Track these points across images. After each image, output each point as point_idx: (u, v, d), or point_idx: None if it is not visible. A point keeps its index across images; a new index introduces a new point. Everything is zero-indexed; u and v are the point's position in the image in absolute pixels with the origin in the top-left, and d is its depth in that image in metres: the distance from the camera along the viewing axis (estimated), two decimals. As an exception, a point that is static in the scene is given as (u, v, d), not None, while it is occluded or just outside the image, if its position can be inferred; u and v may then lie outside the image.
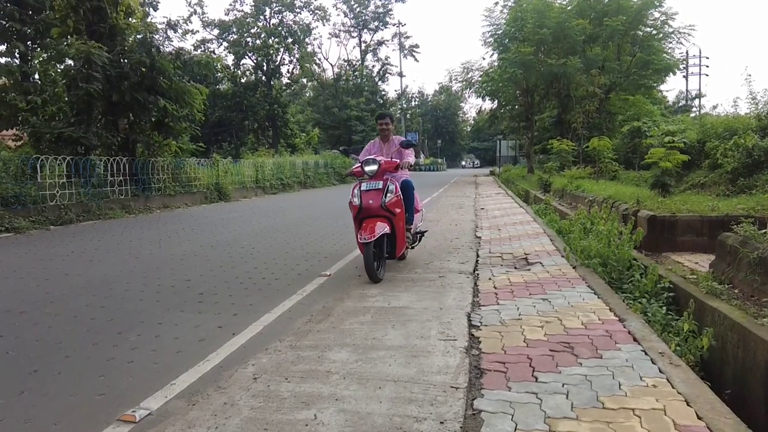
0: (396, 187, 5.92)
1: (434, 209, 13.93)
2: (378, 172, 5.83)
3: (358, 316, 4.46)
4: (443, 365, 3.33)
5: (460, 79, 33.05)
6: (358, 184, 5.90)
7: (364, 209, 5.70)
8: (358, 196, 5.77)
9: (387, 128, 6.69)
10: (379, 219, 5.65)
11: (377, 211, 5.67)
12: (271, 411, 2.84)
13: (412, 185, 6.32)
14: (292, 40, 46.28)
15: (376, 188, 5.73)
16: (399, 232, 5.91)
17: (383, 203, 5.65)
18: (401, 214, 5.95)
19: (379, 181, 5.77)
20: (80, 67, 13.87)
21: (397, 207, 5.84)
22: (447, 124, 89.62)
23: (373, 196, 5.70)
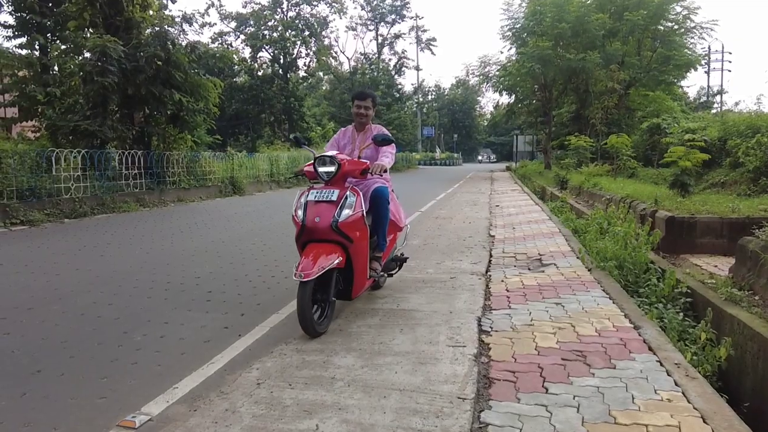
0: (358, 200, 4.19)
1: (448, 206, 13.82)
2: (336, 176, 4.19)
3: (366, 318, 4.38)
4: (451, 374, 3.24)
5: (478, 73, 32.84)
6: (306, 190, 4.26)
7: (306, 229, 4.03)
8: (302, 208, 4.10)
9: (365, 114, 4.96)
10: (328, 246, 4.01)
11: (325, 234, 3.99)
12: (273, 419, 2.77)
13: (387, 196, 4.55)
14: (309, 33, 46.22)
15: (328, 200, 4.05)
16: (358, 264, 4.22)
17: (335, 223, 3.95)
18: (362, 239, 4.22)
19: (335, 190, 4.12)
20: (96, 61, 13.90)
21: (356, 229, 4.12)
22: (463, 118, 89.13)
23: (323, 211, 4.01)
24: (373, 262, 4.57)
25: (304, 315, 3.82)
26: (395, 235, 5.19)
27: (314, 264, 3.81)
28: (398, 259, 5.31)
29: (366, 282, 4.49)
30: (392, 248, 5.12)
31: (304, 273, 3.73)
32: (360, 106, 4.96)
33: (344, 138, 5.11)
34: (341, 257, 4.03)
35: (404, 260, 5.41)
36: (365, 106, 4.96)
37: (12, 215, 10.59)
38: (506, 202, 14.61)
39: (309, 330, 3.92)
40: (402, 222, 5.17)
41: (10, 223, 10.42)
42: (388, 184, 4.80)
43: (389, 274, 5.23)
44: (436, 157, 63.76)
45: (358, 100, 5.01)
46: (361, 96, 5.06)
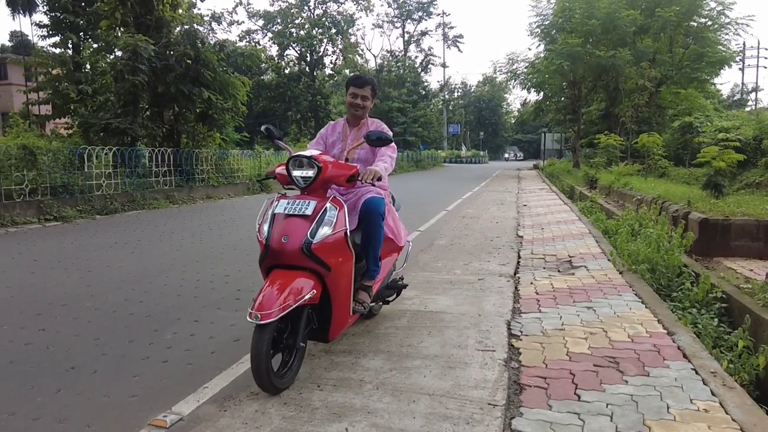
0: (341, 214, 3.28)
1: (475, 205, 13.73)
2: (315, 183, 3.28)
3: (394, 320, 4.37)
4: (481, 379, 3.20)
5: (505, 70, 32.45)
6: (276, 198, 3.35)
7: (271, 251, 3.13)
8: (269, 222, 3.21)
9: (361, 105, 3.99)
10: (299, 274, 3.10)
11: (295, 259, 3.09)
12: (302, 422, 2.77)
13: (381, 210, 3.65)
14: (336, 30, 46.35)
15: (301, 213, 3.16)
16: (337, 299, 3.30)
17: (308, 245, 3.05)
18: (344, 266, 3.31)
19: (311, 201, 3.22)
20: (127, 60, 14.12)
21: (337, 253, 3.22)
22: (490, 115, 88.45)
23: (294, 229, 3.11)
24: (361, 293, 3.63)
25: (258, 366, 2.89)
26: (393, 256, 4.24)
27: (277, 299, 2.90)
28: (396, 286, 4.36)
29: (348, 320, 3.52)
30: (388, 272, 4.16)
31: (262, 314, 2.84)
32: (356, 95, 3.97)
33: (333, 134, 4.15)
34: (315, 290, 3.09)
35: (403, 287, 4.49)
36: (362, 95, 3.97)
37: (46, 211, 10.82)
38: (534, 201, 14.45)
39: (265, 385, 2.99)
40: (402, 240, 4.17)
41: (44, 219, 10.66)
42: (384, 193, 3.94)
43: (385, 301, 4.37)
44: (461, 155, 63.37)
45: (354, 86, 3.97)
46: (357, 82, 4.00)
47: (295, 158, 3.35)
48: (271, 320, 2.86)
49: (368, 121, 4.11)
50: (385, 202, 3.82)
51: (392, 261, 4.29)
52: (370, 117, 4.15)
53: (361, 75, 4.18)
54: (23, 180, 10.71)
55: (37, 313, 4.75)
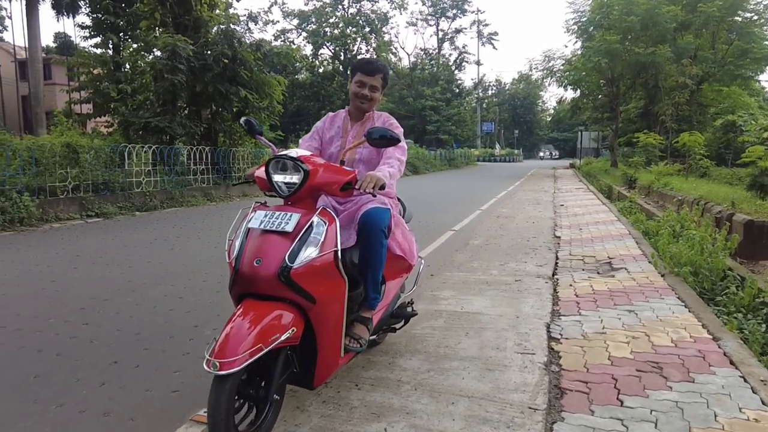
0: (331, 231, 2.60)
1: (510, 204, 13.59)
2: (302, 191, 2.63)
3: (430, 320, 4.34)
4: (520, 382, 3.16)
5: (541, 68, 32.08)
6: (253, 208, 2.69)
7: (240, 276, 2.49)
8: (240, 238, 2.58)
9: (368, 97, 3.28)
10: (274, 306, 2.46)
11: (270, 287, 2.46)
12: (341, 420, 2.77)
13: (383, 224, 2.98)
14: (370, 29, 46.54)
15: (280, 229, 2.52)
16: (324, 338, 2.66)
17: (286, 270, 2.42)
18: (333, 297, 2.66)
19: (294, 213, 2.58)
20: (166, 60, 14.38)
21: (323, 280, 2.57)
22: (525, 113, 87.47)
23: (270, 249, 2.49)
24: (357, 327, 2.97)
25: (216, 425, 2.30)
26: (400, 278, 3.55)
27: (243, 342, 2.25)
28: (403, 314, 3.66)
29: (339, 361, 2.83)
30: (394, 297, 3.47)
31: (222, 362, 2.20)
32: (363, 84, 3.24)
33: (331, 128, 3.44)
34: (296, 327, 2.44)
35: (412, 314, 3.75)
36: (371, 84, 3.25)
37: (88, 208, 11.11)
38: (571, 201, 14.24)
39: None
40: (413, 257, 3.46)
41: (86, 215, 10.94)
42: (390, 202, 3.25)
43: (392, 329, 3.69)
44: (495, 154, 62.80)
45: (361, 73, 3.24)
46: (367, 68, 3.26)
47: (276, 159, 2.64)
48: (233, 370, 2.19)
49: (374, 116, 3.42)
50: (392, 214, 3.14)
51: (399, 284, 3.55)
52: (376, 111, 3.47)
53: (371, 60, 3.44)
54: (66, 177, 11.01)
55: (80, 307, 4.87)
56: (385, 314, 3.34)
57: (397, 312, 3.62)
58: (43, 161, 10.72)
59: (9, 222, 9.27)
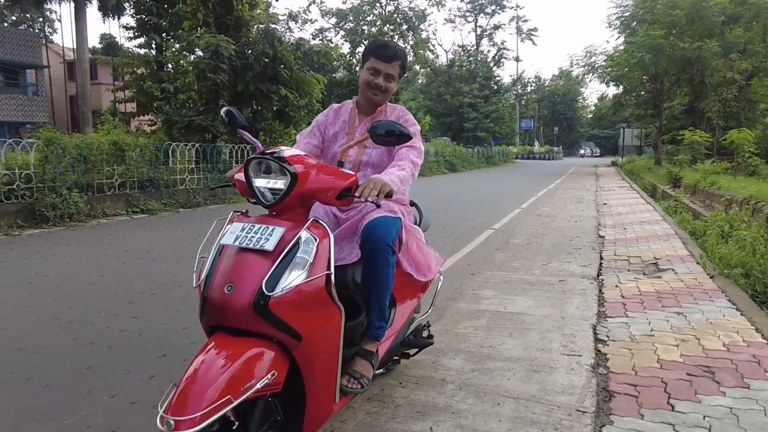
0: (325, 250, 2.07)
1: (551, 203, 13.41)
2: (288, 199, 2.10)
3: (473, 320, 4.32)
4: (567, 384, 3.12)
5: (582, 64, 31.53)
6: (230, 219, 2.24)
7: (209, 305, 2.00)
8: (212, 257, 2.10)
9: (384, 87, 2.76)
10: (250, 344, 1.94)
11: (244, 320, 1.94)
12: (386, 418, 2.78)
13: (390, 237, 2.50)
14: (407, 26, 46.44)
15: (259, 247, 2.00)
16: (315, 380, 2.13)
17: (262, 300, 1.89)
18: (324, 331, 2.12)
19: (277, 227, 2.05)
20: (209, 59, 14.65)
21: (314, 313, 2.06)
22: (565, 110, 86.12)
23: (245, 272, 1.97)
24: (358, 363, 2.47)
25: None
26: (414, 299, 3.00)
27: (206, 392, 1.74)
28: (417, 343, 3.21)
29: (334, 407, 2.28)
30: (406, 322, 2.95)
31: (177, 420, 1.67)
32: (377, 71, 2.72)
33: (335, 122, 2.91)
34: (277, 370, 1.93)
35: (428, 343, 3.27)
36: (387, 72, 2.73)
37: (133, 204, 11.41)
38: (614, 200, 13.96)
39: None
40: (429, 272, 2.92)
41: (132, 211, 11.23)
42: (401, 209, 2.76)
43: (405, 354, 3.24)
44: (534, 151, 62.05)
45: (376, 58, 2.72)
46: (384, 53, 2.73)
47: (259, 160, 2.12)
48: (193, 430, 1.67)
49: (387, 109, 2.88)
50: (403, 223, 2.66)
51: (413, 306, 3.01)
52: (390, 104, 2.92)
53: (388, 43, 2.87)
54: (113, 174, 11.31)
55: (129, 301, 5.00)
56: (394, 343, 2.83)
57: (409, 340, 3.15)
58: (91, 159, 11.04)
59: (59, 218, 9.58)
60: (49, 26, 51.06)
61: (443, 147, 33.53)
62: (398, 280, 2.65)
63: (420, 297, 3.08)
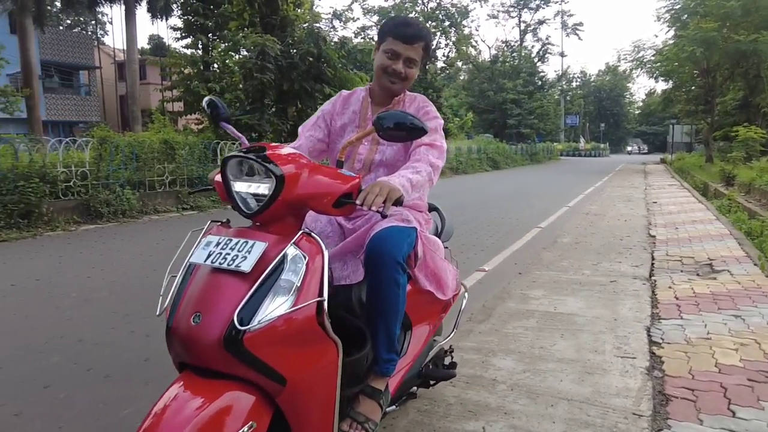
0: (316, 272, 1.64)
1: (598, 201, 13.16)
2: (271, 207, 1.67)
3: (522, 320, 4.28)
4: (622, 387, 3.06)
5: (630, 59, 30.80)
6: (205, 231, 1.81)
7: (173, 336, 1.64)
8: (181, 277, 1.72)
9: (404, 74, 2.30)
10: (223, 386, 1.54)
11: (212, 359, 1.54)
12: (438, 417, 2.79)
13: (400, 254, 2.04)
14: (450, 23, 46.15)
15: (234, 267, 1.58)
16: (305, 429, 1.69)
17: (235, 335, 1.49)
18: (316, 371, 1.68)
19: (258, 243, 1.63)
20: (255, 59, 14.88)
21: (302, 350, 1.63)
22: (611, 106, 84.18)
23: (216, 300, 1.57)
24: (363, 403, 2.06)
25: None
26: (432, 321, 2.56)
27: None
28: (437, 375, 2.70)
29: None
30: (424, 348, 2.48)
31: None
32: (397, 55, 2.27)
33: (344, 112, 2.48)
34: (256, 420, 1.56)
35: (449, 375, 2.77)
36: (408, 56, 2.27)
37: (183, 201, 11.71)
38: (664, 198, 13.60)
39: None
40: (448, 290, 2.46)
41: (182, 208, 11.53)
42: (417, 217, 2.35)
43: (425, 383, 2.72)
44: (580, 148, 60.91)
45: (395, 38, 2.25)
46: (404, 32, 2.26)
47: (240, 159, 1.72)
48: None
49: (406, 99, 2.43)
50: (418, 233, 2.23)
51: (432, 329, 2.56)
52: (409, 93, 2.46)
53: (409, 21, 2.34)
54: (164, 172, 11.63)
55: (183, 296, 5.13)
56: (409, 374, 2.36)
57: (428, 370, 2.62)
58: (142, 157, 11.37)
59: (113, 214, 9.90)
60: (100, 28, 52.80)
61: (486, 144, 33.25)
62: (414, 299, 2.29)
63: (441, 318, 2.63)
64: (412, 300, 2.25)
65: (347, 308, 2.11)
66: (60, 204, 9.35)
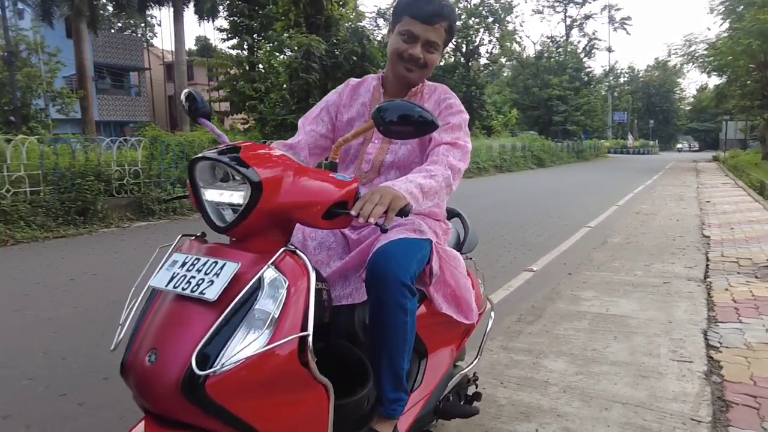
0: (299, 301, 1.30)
1: (649, 200, 12.84)
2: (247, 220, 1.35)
3: (573, 322, 4.22)
4: (679, 391, 2.99)
5: (681, 53, 29.89)
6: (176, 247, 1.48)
7: (128, 376, 1.32)
8: (143, 306, 1.42)
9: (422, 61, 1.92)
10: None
11: (169, 406, 1.25)
12: (490, 417, 2.78)
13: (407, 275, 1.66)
14: (493, 19, 45.62)
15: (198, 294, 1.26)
16: None
17: (192, 378, 1.18)
18: (300, 422, 1.36)
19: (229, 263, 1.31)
20: (301, 59, 15.07)
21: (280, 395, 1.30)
22: (661, 102, 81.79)
23: (176, 333, 1.27)
24: None
25: None
26: (454, 345, 2.20)
27: None
28: (457, 411, 2.28)
29: None
30: (442, 379, 2.10)
31: None
32: (415, 37, 1.91)
33: (353, 103, 2.13)
34: None
35: (472, 411, 2.37)
36: (428, 39, 1.91)
37: (231, 200, 11.92)
38: (718, 197, 13.16)
39: None
40: (470, 313, 2.08)
41: (230, 206, 11.75)
42: (431, 229, 1.97)
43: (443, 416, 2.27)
44: (628, 145, 59.44)
45: (413, 17, 1.90)
46: (423, 10, 1.89)
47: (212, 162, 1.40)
48: None
49: (424, 90, 2.06)
50: (433, 245, 1.88)
51: (452, 356, 2.19)
52: (429, 82, 2.09)
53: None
54: (213, 171, 11.88)
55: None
56: (424, 410, 1.99)
57: (446, 405, 2.18)
58: (192, 155, 11.61)
59: (164, 211, 10.18)
60: (149, 31, 54.29)
61: (530, 141, 32.78)
62: (430, 322, 1.96)
63: (463, 343, 2.26)
64: (428, 323, 1.95)
65: (349, 334, 1.80)
66: (114, 201, 9.67)
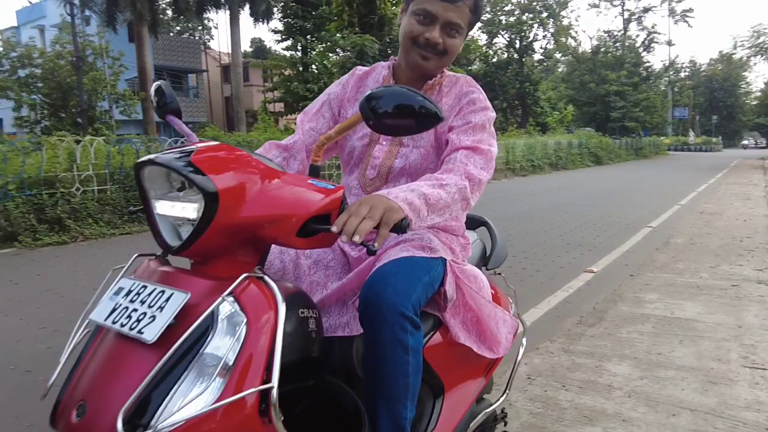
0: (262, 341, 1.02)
1: (713, 199, 12.37)
2: (202, 238, 1.06)
3: (636, 325, 4.12)
4: (752, 399, 2.89)
5: (748, 45, 28.65)
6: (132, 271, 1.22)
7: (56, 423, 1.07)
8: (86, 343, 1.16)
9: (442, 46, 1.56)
10: None
11: None
12: (552, 420, 2.76)
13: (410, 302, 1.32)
14: (547, 14, 44.86)
15: (136, 333, 1.01)
16: None
17: None
18: None
19: (177, 293, 1.04)
20: (354, 58, 15.21)
21: None
22: (724, 97, 78.42)
23: (109, 381, 1.03)
24: None
25: None
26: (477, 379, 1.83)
27: None
28: None
29: None
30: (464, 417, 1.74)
31: None
32: (432, 17, 1.54)
33: (358, 97, 1.71)
34: None
35: None
36: (448, 20, 1.54)
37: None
38: (788, 196, 12.59)
39: None
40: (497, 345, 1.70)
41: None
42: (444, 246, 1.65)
43: None
44: (689, 142, 57.34)
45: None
46: None
47: (146, 164, 1.16)
48: None
49: (444, 82, 1.70)
50: (448, 264, 1.55)
51: (476, 391, 1.84)
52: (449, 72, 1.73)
53: None
54: (270, 170, 12.16)
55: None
56: None
57: None
58: (259, 155, 11.95)
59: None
60: (206, 33, 55.77)
61: (587, 138, 32.02)
62: (447, 353, 1.64)
63: (488, 377, 1.90)
64: (444, 354, 1.62)
65: (346, 370, 1.51)
66: (177, 201, 10.01)
